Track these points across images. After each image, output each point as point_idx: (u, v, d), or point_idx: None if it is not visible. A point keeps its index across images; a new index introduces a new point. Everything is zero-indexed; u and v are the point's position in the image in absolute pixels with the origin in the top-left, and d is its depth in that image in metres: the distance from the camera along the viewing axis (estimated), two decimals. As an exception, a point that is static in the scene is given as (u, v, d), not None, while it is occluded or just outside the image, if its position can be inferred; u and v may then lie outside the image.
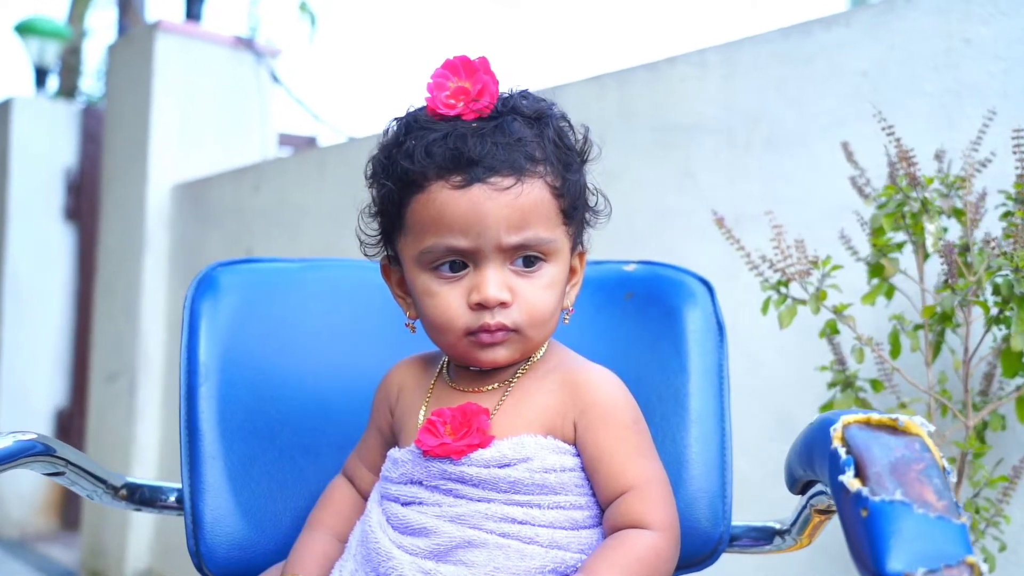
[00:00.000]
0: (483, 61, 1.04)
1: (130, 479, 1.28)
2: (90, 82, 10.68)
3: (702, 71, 2.17)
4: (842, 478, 0.85)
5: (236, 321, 1.34)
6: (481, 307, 1.01)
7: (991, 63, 1.72)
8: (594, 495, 1.05)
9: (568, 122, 1.08)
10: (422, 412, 1.11)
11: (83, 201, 5.26)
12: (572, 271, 1.11)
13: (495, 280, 1.01)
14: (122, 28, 6.31)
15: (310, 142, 5.23)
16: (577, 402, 1.05)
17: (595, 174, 1.12)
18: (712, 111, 2.14)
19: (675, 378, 1.33)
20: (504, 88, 1.05)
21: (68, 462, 1.15)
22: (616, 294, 1.40)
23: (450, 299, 1.03)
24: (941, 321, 1.51)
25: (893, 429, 0.90)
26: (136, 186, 4.00)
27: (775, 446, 1.94)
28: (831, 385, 1.60)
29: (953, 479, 0.86)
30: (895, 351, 1.56)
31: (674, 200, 2.20)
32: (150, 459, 3.89)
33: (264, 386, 1.32)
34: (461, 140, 1.00)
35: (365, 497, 1.18)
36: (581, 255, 1.13)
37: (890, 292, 1.55)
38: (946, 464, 0.87)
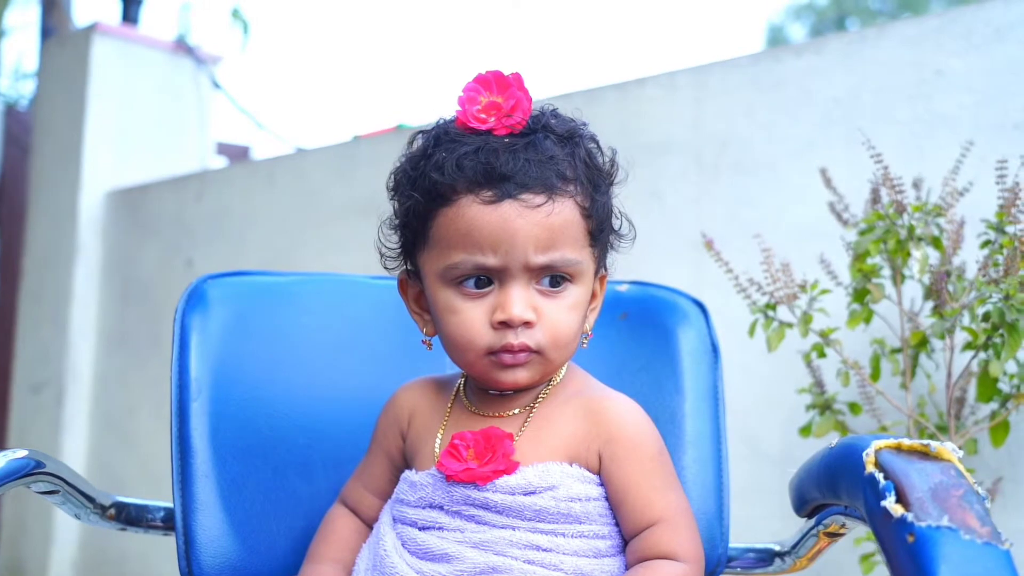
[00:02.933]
0: (516, 77, 1.03)
1: (119, 498, 1.23)
2: (7, 83, 10.36)
3: (671, 93, 2.19)
4: (884, 503, 0.86)
5: (227, 336, 1.30)
6: (504, 326, 0.99)
7: (963, 95, 1.76)
8: (617, 525, 1.03)
9: (597, 143, 1.07)
10: (439, 436, 1.08)
11: (3, 206, 5.09)
12: (592, 294, 1.09)
13: (520, 299, 0.99)
14: (46, 29, 6.12)
15: (244, 152, 5.15)
16: (601, 432, 1.03)
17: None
18: (681, 133, 2.16)
19: (671, 399, 1.33)
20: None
21: (62, 480, 1.10)
22: (610, 314, 1.40)
23: (473, 317, 1.00)
24: (916, 346, 1.54)
25: (925, 455, 0.91)
26: (68, 192, 3.88)
27: (743, 466, 1.96)
28: (810, 407, 1.62)
29: (989, 504, 0.87)
30: (875, 374, 1.58)
31: (639, 220, 2.20)
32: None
33: (257, 402, 1.28)
34: (493, 155, 0.98)
35: (370, 525, 1.15)
36: (602, 278, 1.12)
37: (869, 317, 1.58)
38: (980, 490, 0.88)
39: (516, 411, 1.06)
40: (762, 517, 1.91)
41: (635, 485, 1.01)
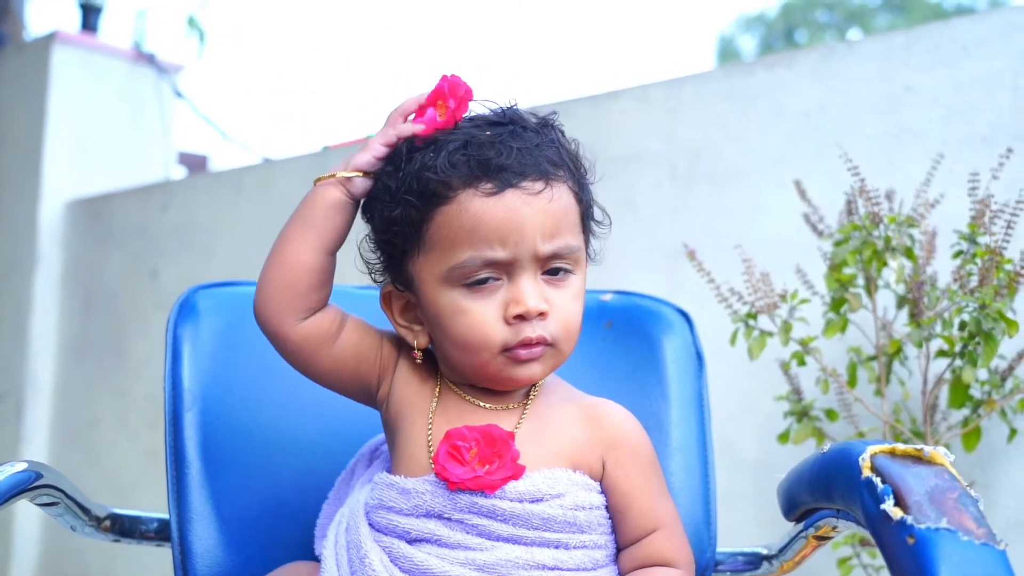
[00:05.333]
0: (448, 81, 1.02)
1: (114, 509, 1.23)
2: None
3: (644, 105, 2.22)
4: (884, 506, 0.88)
5: (219, 346, 1.30)
6: (520, 319, 0.96)
7: (931, 109, 1.81)
8: (611, 534, 1.03)
9: (563, 132, 1.05)
10: (429, 428, 1.03)
11: (-43, 215, 5.01)
12: None
13: (534, 290, 0.97)
14: (0, 37, 6.04)
15: (202, 161, 5.11)
16: (604, 437, 1.03)
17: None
18: (654, 144, 2.19)
19: (657, 407, 1.36)
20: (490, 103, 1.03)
21: (62, 492, 1.09)
22: (596, 323, 1.42)
23: (485, 314, 0.97)
24: (890, 354, 1.58)
25: (919, 459, 0.94)
26: (27, 201, 3.83)
27: (719, 473, 1.98)
28: (788, 415, 1.65)
29: (982, 507, 0.90)
30: (852, 382, 1.62)
31: (614, 231, 2.23)
32: (36, 487, 3.70)
33: (250, 412, 1.29)
34: (482, 147, 0.96)
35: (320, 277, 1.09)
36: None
37: (845, 326, 1.61)
38: (972, 492, 0.91)
39: (512, 405, 1.04)
40: (739, 523, 1.94)
41: (640, 490, 1.02)
